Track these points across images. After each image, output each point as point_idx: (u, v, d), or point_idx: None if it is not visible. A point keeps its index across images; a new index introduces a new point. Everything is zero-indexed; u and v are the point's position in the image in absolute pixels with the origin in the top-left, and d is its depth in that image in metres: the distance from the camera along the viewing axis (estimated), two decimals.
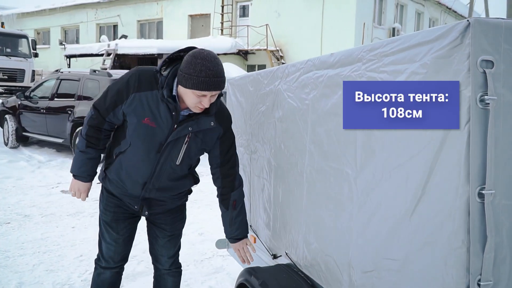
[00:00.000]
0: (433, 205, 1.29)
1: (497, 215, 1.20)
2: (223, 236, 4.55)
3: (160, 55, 18.10)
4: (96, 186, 2.45)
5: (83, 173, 2.33)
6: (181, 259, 3.66)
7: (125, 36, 20.90)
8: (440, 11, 24.10)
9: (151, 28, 24.05)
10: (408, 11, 21.79)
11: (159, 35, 23.45)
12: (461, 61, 1.19)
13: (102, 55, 18.90)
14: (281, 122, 2.29)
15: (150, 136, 2.16)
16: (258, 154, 2.61)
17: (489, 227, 1.18)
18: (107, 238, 2.43)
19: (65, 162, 8.77)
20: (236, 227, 2.39)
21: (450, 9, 24.23)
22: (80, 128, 8.47)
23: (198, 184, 2.50)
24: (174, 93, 2.12)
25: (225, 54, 18.62)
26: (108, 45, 18.80)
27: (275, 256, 2.45)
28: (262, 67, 19.64)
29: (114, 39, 22.78)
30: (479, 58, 1.17)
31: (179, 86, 2.07)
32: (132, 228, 2.48)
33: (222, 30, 20.82)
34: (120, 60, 19.66)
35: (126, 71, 10.71)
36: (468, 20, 1.17)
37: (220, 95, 2.16)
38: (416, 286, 1.37)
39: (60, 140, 9.16)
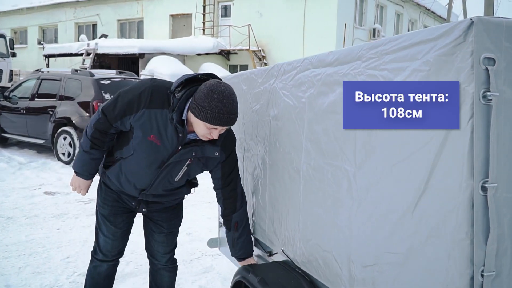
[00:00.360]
0: (436, 200, 1.32)
1: (499, 207, 1.23)
2: (211, 235, 4.56)
3: (141, 55, 17.97)
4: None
5: (85, 172, 2.36)
6: None
7: (105, 36, 20.68)
8: (419, 12, 24.47)
9: (132, 27, 23.85)
10: (388, 12, 22.09)
11: (139, 35, 23.27)
12: (464, 59, 1.23)
13: (81, 54, 18.67)
14: (276, 121, 2.31)
15: (153, 152, 2.19)
16: (251, 152, 2.63)
17: (492, 219, 1.22)
18: (105, 232, 2.46)
19: (47, 164, 8.64)
20: (239, 247, 2.43)
21: (429, 10, 24.62)
22: (64, 128, 8.41)
23: (197, 187, 2.53)
24: (183, 117, 2.12)
25: (207, 54, 18.60)
26: (88, 45, 18.59)
27: (270, 254, 2.46)
28: (244, 67, 19.66)
29: (93, 38, 22.52)
30: (481, 56, 1.20)
31: (191, 113, 2.09)
32: (129, 223, 2.51)
33: (204, 30, 20.78)
34: (100, 60, 19.45)
35: (106, 70, 10.61)
36: (471, 19, 1.21)
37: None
38: (419, 278, 1.40)
39: (41, 141, 9.03)
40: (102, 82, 8.55)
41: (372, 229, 1.60)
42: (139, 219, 2.60)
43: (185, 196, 2.53)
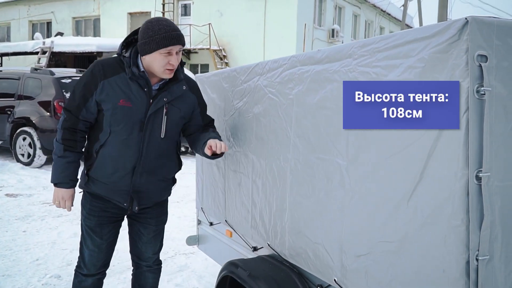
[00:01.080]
0: (431, 189, 1.39)
1: (491, 195, 1.32)
2: (183, 234, 4.56)
3: (99, 53, 17.58)
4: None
5: (65, 179, 2.28)
6: None
7: (61, 34, 20.09)
8: (375, 14, 25.11)
9: (88, 25, 23.27)
10: (346, 13, 22.56)
11: (96, 33, 22.73)
12: (459, 56, 1.30)
13: (37, 53, 18.05)
14: (261, 117, 2.35)
15: (128, 117, 2.19)
16: (234, 149, 2.65)
17: (486, 207, 1.30)
18: (90, 245, 2.38)
19: (5, 165, 8.35)
20: (210, 132, 2.44)
21: (384, 11, 25.32)
22: (23, 128, 8.12)
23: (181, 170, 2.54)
24: (142, 69, 2.21)
25: None
26: (44, 43, 17.98)
27: (255, 249, 2.50)
28: (205, 66, 19.59)
29: (48, 36, 21.82)
30: (475, 53, 1.28)
31: (145, 57, 2.17)
32: (115, 233, 2.44)
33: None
34: (56, 59, 18.88)
35: (66, 69, 10.31)
36: (466, 18, 1.29)
37: (183, 63, 2.31)
38: (414, 264, 1.47)
39: None
40: (63, 81, 8.32)
41: (365, 219, 1.67)
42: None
43: (171, 190, 2.52)
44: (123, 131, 2.20)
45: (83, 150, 2.34)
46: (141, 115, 2.20)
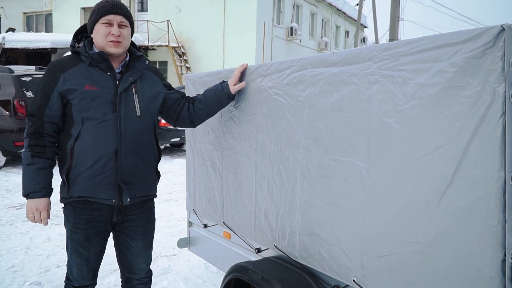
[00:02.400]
0: (464, 191, 1.44)
1: None
2: (161, 236, 4.48)
3: (54, 50, 16.96)
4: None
5: (36, 187, 2.15)
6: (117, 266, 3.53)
7: (12, 29, 19.22)
8: (331, 12, 25.53)
9: (39, 21, 22.40)
10: (304, 11, 22.80)
11: (48, 29, 21.92)
12: (494, 62, 1.35)
13: None
14: (265, 118, 2.34)
15: (98, 100, 2.16)
16: (233, 150, 2.63)
17: None
18: (77, 260, 2.30)
19: None
20: (213, 87, 2.52)
21: (340, 10, 25.79)
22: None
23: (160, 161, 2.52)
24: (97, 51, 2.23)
25: None
26: None
27: (259, 250, 2.49)
28: (163, 63, 19.30)
29: None
30: (510, 59, 1.33)
31: (93, 36, 2.23)
32: (103, 244, 2.36)
33: None
34: (7, 55, 18.08)
35: (25, 67, 9.88)
36: (502, 26, 1.33)
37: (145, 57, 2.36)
38: (445, 263, 1.51)
39: None
40: (23, 79, 7.97)
41: (389, 221, 1.69)
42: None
43: (156, 191, 2.48)
44: (96, 114, 2.15)
45: (54, 157, 2.23)
46: (110, 96, 2.18)
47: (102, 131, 2.15)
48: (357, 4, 21.34)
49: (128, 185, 2.23)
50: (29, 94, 7.86)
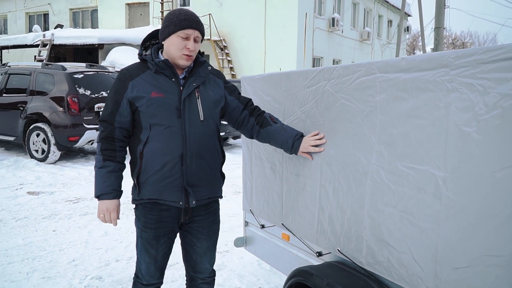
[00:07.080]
0: None
1: None
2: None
3: (101, 45, 17.41)
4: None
5: (107, 189, 2.28)
6: (174, 260, 3.64)
7: (61, 26, 19.85)
8: (374, 2, 25.02)
9: (85, 16, 23.04)
10: (346, 1, 22.44)
11: (93, 24, 22.52)
12: None
13: (36, 46, 17.83)
14: (334, 123, 2.32)
15: (164, 106, 2.23)
16: None
17: None
18: (146, 258, 2.40)
19: (19, 161, 8.29)
20: (289, 130, 2.49)
21: None
22: (37, 124, 8.04)
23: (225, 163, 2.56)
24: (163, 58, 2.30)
25: None
26: (44, 35, 17.76)
27: (320, 254, 2.49)
28: (205, 57, 19.45)
29: (45, 28, 21.60)
30: None
31: (164, 43, 2.29)
32: (170, 245, 2.46)
33: (162, 19, 20.34)
34: (56, 51, 18.69)
35: (76, 63, 10.18)
36: None
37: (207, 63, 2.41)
38: None
39: (11, 138, 8.65)
40: (75, 76, 8.24)
41: (466, 232, 1.66)
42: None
43: (222, 192, 2.52)
44: (163, 120, 2.23)
45: (124, 161, 2.35)
46: (175, 102, 2.24)
47: (168, 136, 2.24)
48: None
49: (194, 188, 2.31)
50: (81, 91, 8.11)
